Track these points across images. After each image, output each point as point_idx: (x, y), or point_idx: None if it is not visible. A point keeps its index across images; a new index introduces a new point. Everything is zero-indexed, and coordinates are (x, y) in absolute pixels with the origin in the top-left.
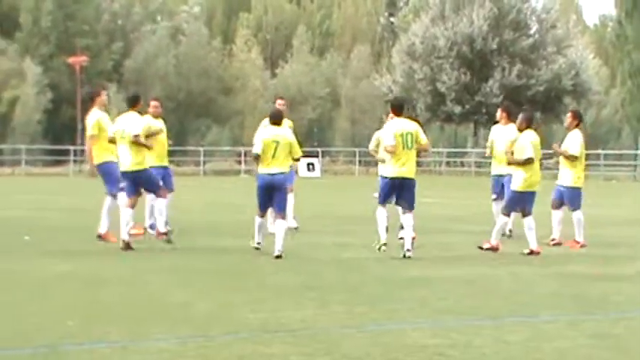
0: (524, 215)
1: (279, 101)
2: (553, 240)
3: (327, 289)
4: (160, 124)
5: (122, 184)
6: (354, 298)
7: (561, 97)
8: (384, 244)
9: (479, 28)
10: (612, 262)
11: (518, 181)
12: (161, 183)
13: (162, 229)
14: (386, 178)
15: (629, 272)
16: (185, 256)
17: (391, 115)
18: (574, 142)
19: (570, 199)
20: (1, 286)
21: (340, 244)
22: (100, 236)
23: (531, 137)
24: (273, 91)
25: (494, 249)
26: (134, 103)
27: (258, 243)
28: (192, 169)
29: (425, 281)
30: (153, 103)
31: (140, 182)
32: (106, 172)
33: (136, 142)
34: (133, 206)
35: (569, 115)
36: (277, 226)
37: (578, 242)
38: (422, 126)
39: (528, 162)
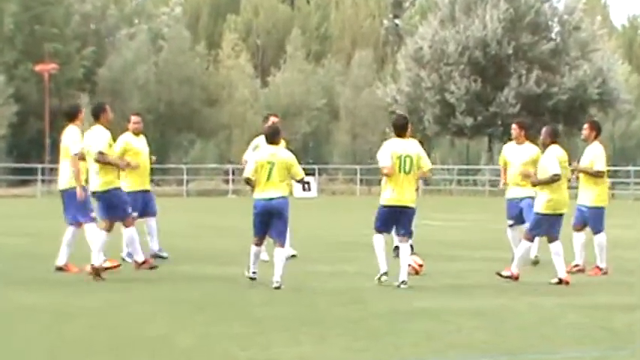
0: (550, 240)
1: (272, 118)
2: (576, 266)
3: (323, 323)
4: (141, 143)
5: (93, 214)
6: (354, 332)
7: (586, 108)
8: (385, 274)
9: (493, 31)
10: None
11: (542, 202)
12: (130, 210)
13: (141, 258)
14: (383, 205)
15: None
16: (164, 286)
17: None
18: (597, 156)
19: (593, 219)
20: None
21: (339, 272)
22: (59, 268)
23: (557, 152)
24: (264, 101)
25: (513, 277)
26: (98, 114)
27: (254, 273)
28: (175, 189)
29: (432, 313)
30: (134, 118)
31: (110, 204)
32: (73, 198)
33: (99, 161)
34: (108, 230)
35: (586, 126)
36: (276, 255)
37: (600, 269)
38: (430, 140)
39: (555, 179)
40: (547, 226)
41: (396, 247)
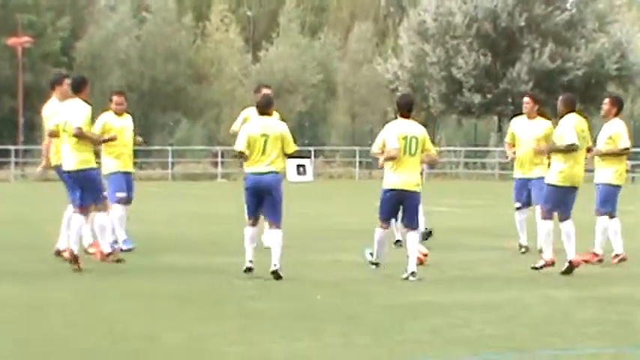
0: (561, 219)
1: (264, 90)
2: (617, 256)
3: (320, 318)
4: (125, 122)
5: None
6: (353, 328)
7: (604, 84)
8: (376, 265)
9: (503, 2)
10: None
11: (555, 172)
12: (105, 194)
13: (107, 249)
14: (386, 190)
15: None
16: (149, 278)
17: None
18: (619, 132)
19: (605, 198)
20: None
21: (337, 262)
22: (58, 252)
23: (574, 121)
24: (256, 78)
25: (549, 264)
26: (79, 88)
27: (250, 262)
28: (159, 173)
29: (438, 307)
30: (116, 98)
31: (84, 185)
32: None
33: (78, 136)
34: (86, 213)
35: (606, 101)
36: (271, 237)
37: (618, 255)
38: (435, 120)
39: (570, 149)
40: (558, 200)
41: (398, 241)
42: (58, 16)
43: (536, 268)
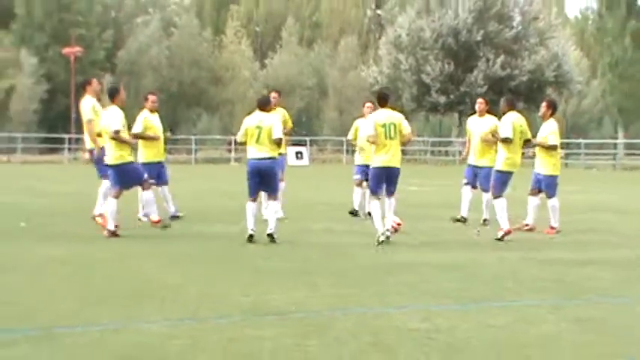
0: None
1: (273, 94)
2: (527, 225)
3: (316, 274)
4: (156, 120)
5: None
6: (343, 281)
7: (543, 88)
8: (383, 234)
9: (464, 21)
10: (591, 247)
11: (502, 160)
12: (146, 176)
13: (156, 218)
14: (374, 167)
15: (607, 257)
16: (177, 241)
17: (368, 105)
18: (552, 131)
19: (547, 186)
20: None
21: (329, 230)
22: (93, 218)
23: (512, 118)
24: (263, 81)
25: (507, 232)
26: (113, 96)
27: (252, 230)
28: (185, 157)
29: (411, 266)
30: (152, 97)
31: (122, 176)
32: (99, 159)
33: (115, 139)
34: (117, 197)
35: (544, 104)
36: (269, 207)
37: (553, 228)
38: (407, 116)
39: (505, 141)
40: (506, 182)
41: (369, 213)
42: (103, 30)
43: (498, 239)
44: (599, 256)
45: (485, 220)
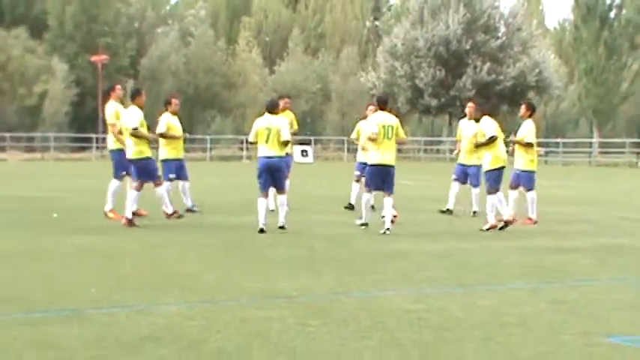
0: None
1: (285, 99)
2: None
3: (319, 262)
4: (176, 121)
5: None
6: (343, 269)
7: (526, 92)
8: (365, 225)
9: (454, 31)
10: (567, 236)
11: (489, 161)
12: (158, 173)
13: (169, 211)
14: (371, 165)
15: (582, 245)
16: (194, 232)
17: (371, 108)
18: (529, 131)
19: (525, 180)
20: (33, 256)
21: (331, 222)
22: (105, 214)
23: (489, 121)
24: (271, 86)
25: (493, 227)
26: (134, 97)
27: (263, 224)
28: (200, 155)
29: (405, 255)
30: (175, 101)
31: (139, 170)
32: (115, 159)
33: (134, 135)
34: (138, 189)
35: (523, 106)
36: (279, 200)
37: (531, 219)
38: (402, 117)
39: (492, 140)
40: (498, 178)
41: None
42: (127, 39)
43: (483, 230)
44: (576, 244)
45: (474, 212)
